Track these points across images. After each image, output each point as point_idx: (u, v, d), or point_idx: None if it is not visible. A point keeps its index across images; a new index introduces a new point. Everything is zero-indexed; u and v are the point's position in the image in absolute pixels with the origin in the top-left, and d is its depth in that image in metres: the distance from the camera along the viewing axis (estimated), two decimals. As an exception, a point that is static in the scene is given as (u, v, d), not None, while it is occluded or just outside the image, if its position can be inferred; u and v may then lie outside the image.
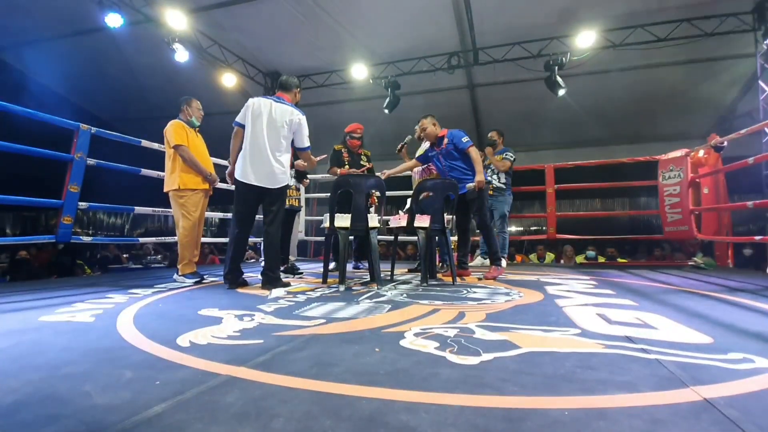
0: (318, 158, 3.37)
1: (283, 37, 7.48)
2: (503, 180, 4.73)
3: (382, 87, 7.89)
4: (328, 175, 4.44)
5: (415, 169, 4.19)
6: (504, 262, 4.47)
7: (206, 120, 3.40)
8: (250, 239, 6.68)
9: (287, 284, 2.93)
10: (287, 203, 3.80)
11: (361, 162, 4.24)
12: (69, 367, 1.16)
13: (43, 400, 0.94)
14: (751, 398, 0.96)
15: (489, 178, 4.68)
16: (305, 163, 3.31)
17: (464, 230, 3.83)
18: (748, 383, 1.05)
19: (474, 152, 3.49)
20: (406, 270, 4.16)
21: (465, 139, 3.51)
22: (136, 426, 0.81)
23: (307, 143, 2.99)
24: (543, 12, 6.46)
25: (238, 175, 2.87)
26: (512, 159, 4.75)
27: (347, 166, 4.20)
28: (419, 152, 4.11)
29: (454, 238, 4.11)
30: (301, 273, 3.83)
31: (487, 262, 4.48)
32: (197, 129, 3.37)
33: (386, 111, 7.93)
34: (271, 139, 2.83)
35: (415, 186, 3.43)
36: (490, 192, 4.69)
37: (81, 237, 3.97)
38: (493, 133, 4.89)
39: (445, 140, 3.61)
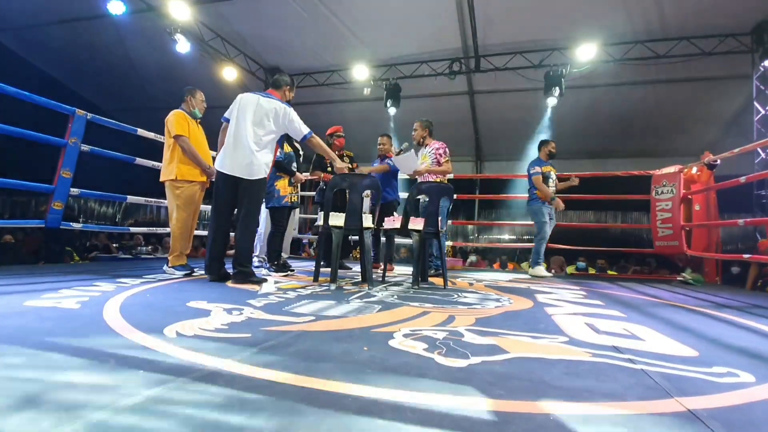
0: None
1: (285, 33, 7.48)
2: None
3: (383, 89, 7.91)
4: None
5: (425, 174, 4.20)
6: (542, 269, 4.57)
7: (206, 113, 3.38)
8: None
9: (261, 280, 2.84)
10: (290, 200, 3.79)
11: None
12: (52, 353, 1.14)
13: (24, 385, 0.92)
14: (733, 411, 0.97)
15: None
16: (319, 150, 3.07)
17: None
18: (731, 396, 1.06)
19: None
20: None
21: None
22: (118, 414, 0.80)
23: (305, 130, 2.94)
24: (545, 23, 6.52)
25: (216, 165, 2.89)
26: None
27: (329, 168, 4.21)
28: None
29: (450, 243, 4.15)
30: (293, 270, 3.82)
31: (533, 270, 4.57)
32: (198, 121, 3.35)
33: (393, 109, 7.93)
34: (254, 132, 2.81)
35: (411, 188, 3.44)
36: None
37: (71, 224, 3.92)
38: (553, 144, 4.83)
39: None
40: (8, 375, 0.97)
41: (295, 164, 3.83)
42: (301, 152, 4.04)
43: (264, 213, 4.25)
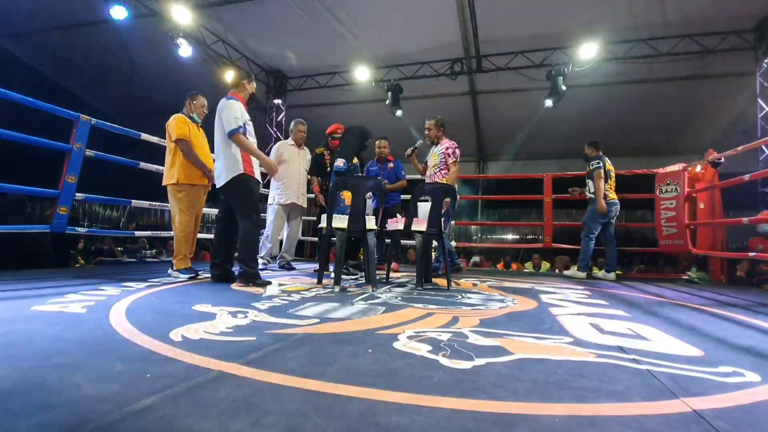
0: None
1: (287, 36, 7.50)
2: (592, 190, 4.58)
3: (385, 90, 7.92)
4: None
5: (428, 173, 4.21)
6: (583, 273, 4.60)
7: (208, 116, 3.40)
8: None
9: (265, 283, 2.84)
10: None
11: None
12: (59, 358, 1.15)
13: (32, 390, 0.93)
14: (739, 411, 0.97)
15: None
16: (243, 149, 2.84)
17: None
18: (737, 396, 1.06)
19: None
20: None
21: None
22: (126, 418, 0.81)
23: (232, 125, 2.75)
24: (547, 22, 6.51)
25: None
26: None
27: (328, 169, 4.19)
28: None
29: (453, 243, 4.15)
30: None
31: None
32: (200, 124, 3.36)
33: (398, 113, 7.92)
34: (218, 137, 2.89)
35: (414, 189, 3.44)
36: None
37: (76, 228, 3.94)
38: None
39: None
40: (16, 380, 0.98)
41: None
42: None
43: (271, 215, 4.24)
